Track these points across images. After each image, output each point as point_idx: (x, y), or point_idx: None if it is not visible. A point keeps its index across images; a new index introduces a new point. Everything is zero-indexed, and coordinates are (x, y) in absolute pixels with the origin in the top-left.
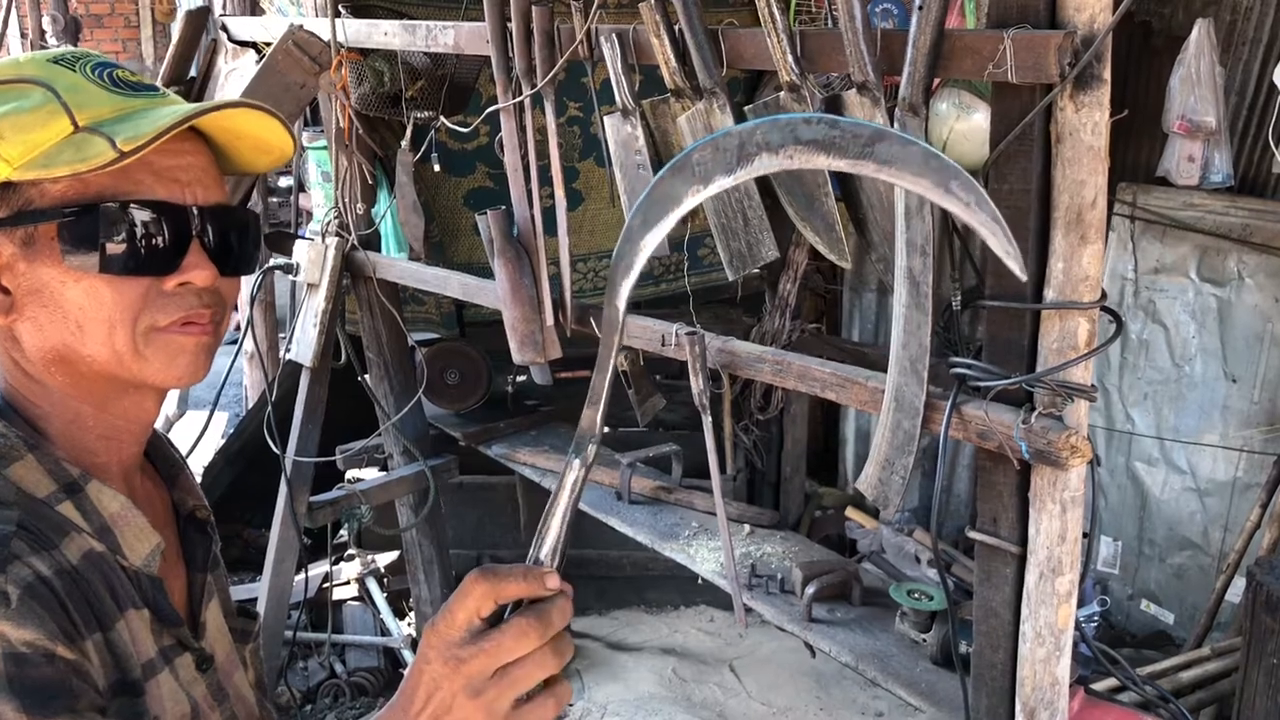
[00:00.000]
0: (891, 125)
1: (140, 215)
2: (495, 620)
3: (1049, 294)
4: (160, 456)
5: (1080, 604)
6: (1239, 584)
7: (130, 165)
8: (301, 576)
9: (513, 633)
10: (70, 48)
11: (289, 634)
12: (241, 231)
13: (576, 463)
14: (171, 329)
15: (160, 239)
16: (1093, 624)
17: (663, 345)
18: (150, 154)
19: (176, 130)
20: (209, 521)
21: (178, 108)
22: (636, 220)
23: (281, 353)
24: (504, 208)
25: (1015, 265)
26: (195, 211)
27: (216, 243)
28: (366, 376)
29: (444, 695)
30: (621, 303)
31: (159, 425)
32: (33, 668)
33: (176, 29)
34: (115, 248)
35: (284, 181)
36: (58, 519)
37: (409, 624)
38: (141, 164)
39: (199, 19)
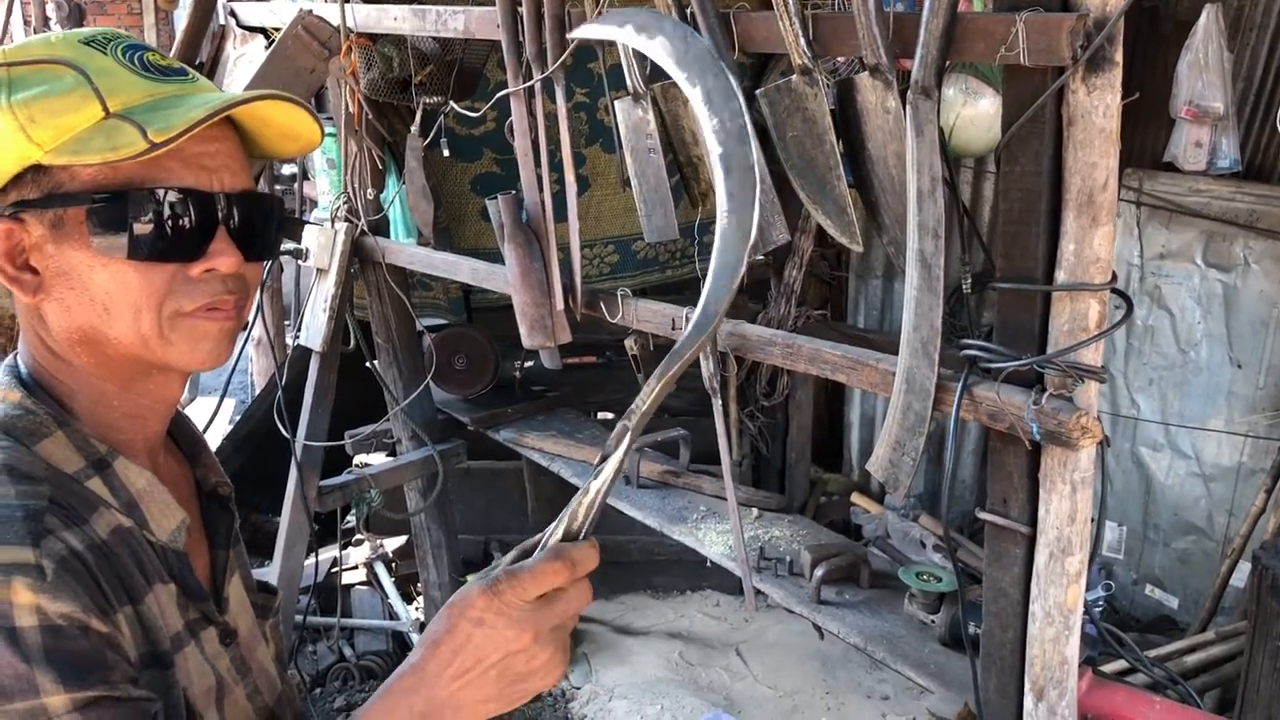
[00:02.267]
0: (904, 109)
1: (168, 202)
2: None
3: (1060, 276)
4: (183, 434)
5: (1085, 588)
6: (1244, 569)
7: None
8: (311, 561)
9: (577, 593)
10: (101, 28)
11: (299, 618)
12: (266, 217)
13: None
14: (196, 314)
15: (187, 225)
16: (1098, 608)
17: (673, 329)
18: (180, 141)
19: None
20: (230, 498)
21: (208, 97)
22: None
23: (289, 338)
24: (514, 192)
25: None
26: (222, 198)
27: (242, 229)
28: (375, 362)
29: (516, 655)
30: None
31: None
32: (69, 640)
33: (184, 15)
34: (143, 233)
35: (288, 169)
36: (87, 494)
37: (417, 608)
38: (171, 151)
39: (207, 4)
